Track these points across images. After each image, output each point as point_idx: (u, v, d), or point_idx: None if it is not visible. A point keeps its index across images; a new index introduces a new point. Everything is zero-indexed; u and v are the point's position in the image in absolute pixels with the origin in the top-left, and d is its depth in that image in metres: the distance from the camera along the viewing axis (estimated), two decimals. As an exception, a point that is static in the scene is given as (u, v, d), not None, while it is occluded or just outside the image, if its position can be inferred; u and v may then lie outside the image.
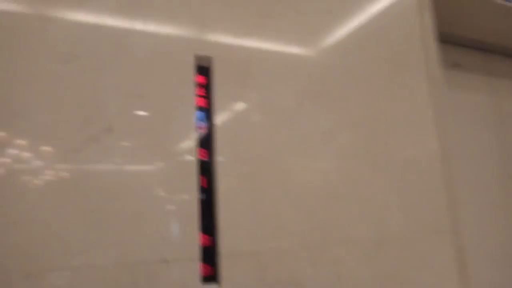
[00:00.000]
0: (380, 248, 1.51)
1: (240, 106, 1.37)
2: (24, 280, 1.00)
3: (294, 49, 1.53)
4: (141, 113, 1.21)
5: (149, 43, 1.28)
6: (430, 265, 1.61)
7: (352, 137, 1.56)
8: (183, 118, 1.27)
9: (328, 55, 1.60)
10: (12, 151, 1.04)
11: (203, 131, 1.32)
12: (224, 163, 1.30)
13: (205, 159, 1.31)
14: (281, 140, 1.41)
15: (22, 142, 1.06)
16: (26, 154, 1.06)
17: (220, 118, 1.33)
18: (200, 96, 1.35)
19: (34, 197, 1.05)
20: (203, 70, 1.37)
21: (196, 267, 1.19)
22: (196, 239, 1.21)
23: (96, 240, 1.09)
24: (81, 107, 1.14)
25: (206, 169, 1.30)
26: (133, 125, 1.19)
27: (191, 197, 1.23)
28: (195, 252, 1.20)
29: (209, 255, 1.26)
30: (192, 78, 1.32)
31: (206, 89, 1.37)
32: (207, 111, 1.34)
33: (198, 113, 1.33)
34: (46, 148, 1.08)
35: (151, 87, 1.25)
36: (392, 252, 1.53)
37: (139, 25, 1.28)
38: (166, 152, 1.22)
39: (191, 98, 1.30)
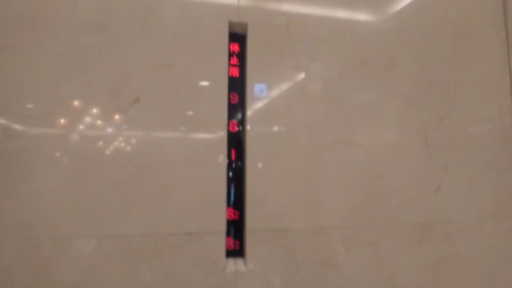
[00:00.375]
0: (427, 233, 1.36)
1: (275, 75, 1.28)
2: (52, 245, 1.04)
3: (339, 13, 1.38)
4: (169, 83, 1.18)
5: (180, 10, 1.22)
6: (489, 254, 1.44)
7: (402, 109, 1.40)
8: (214, 88, 1.22)
9: (380, 18, 1.42)
10: (38, 122, 1.08)
11: (235, 102, 1.27)
12: (255, 136, 1.24)
13: (235, 131, 1.26)
14: (318, 113, 1.30)
15: (49, 112, 1.08)
16: (52, 125, 1.08)
17: (253, 89, 1.26)
18: (233, 65, 1.28)
19: (60, 166, 1.07)
20: (237, 37, 1.30)
21: (222, 240, 1.16)
22: (222, 213, 1.17)
23: (121, 210, 1.10)
24: (109, 77, 1.14)
25: (236, 142, 1.26)
26: (160, 96, 1.16)
27: (220, 171, 1.19)
28: (221, 226, 1.17)
29: (236, 229, 1.23)
30: (225, 46, 1.25)
31: (239, 57, 1.30)
32: (239, 80, 1.28)
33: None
34: (73, 119, 1.10)
35: (181, 57, 1.20)
36: (442, 238, 1.38)
37: (170, -8, 1.23)
38: (195, 124, 1.18)
39: (224, 67, 1.24)
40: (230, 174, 1.23)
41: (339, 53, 1.36)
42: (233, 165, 1.24)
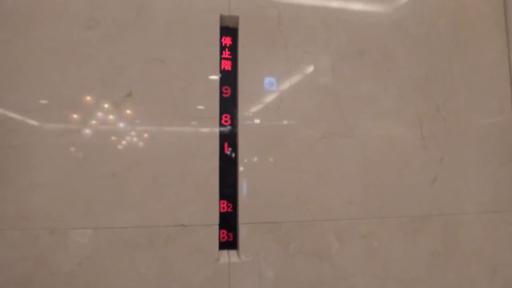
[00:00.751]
0: (422, 225, 1.36)
1: (267, 68, 1.28)
2: (49, 236, 1.08)
3: (331, 3, 1.37)
4: (161, 77, 1.20)
5: (172, 4, 1.23)
6: (487, 247, 1.43)
7: (398, 101, 1.39)
8: (206, 82, 1.23)
9: (374, 8, 1.41)
10: (35, 116, 1.10)
11: (227, 96, 1.28)
12: (248, 129, 1.25)
13: (228, 124, 1.27)
14: (312, 105, 1.30)
15: (45, 107, 1.11)
16: (48, 119, 1.11)
17: (245, 82, 1.27)
18: (226, 58, 1.29)
19: (57, 161, 1.10)
20: (229, 31, 1.31)
21: (215, 232, 1.19)
22: (215, 205, 1.19)
23: (116, 202, 1.12)
24: (102, 72, 1.15)
25: (229, 135, 1.27)
26: (153, 90, 1.18)
27: (212, 164, 1.20)
28: (214, 218, 1.19)
29: (229, 222, 1.25)
30: (217, 39, 1.25)
31: (231, 51, 1.30)
32: (232, 74, 1.29)
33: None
34: (69, 113, 1.12)
35: (173, 51, 1.21)
36: (438, 230, 1.38)
37: (162, -14, 1.24)
38: (187, 118, 1.20)
39: (216, 61, 1.25)
40: (224, 166, 1.24)
41: (333, 45, 1.35)
42: (227, 158, 1.26)
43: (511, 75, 1.53)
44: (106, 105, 1.15)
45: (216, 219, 1.19)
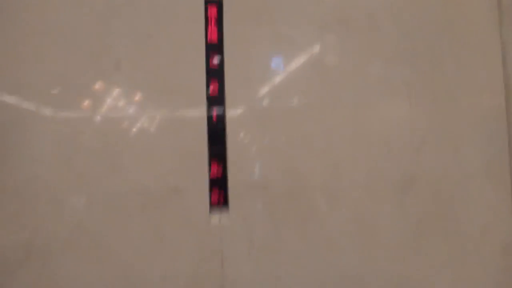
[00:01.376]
0: (410, 192, 1.38)
1: (252, 40, 1.32)
2: (47, 204, 1.14)
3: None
4: (149, 51, 1.24)
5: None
6: (476, 213, 1.44)
7: (385, 70, 1.40)
8: (193, 54, 1.27)
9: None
10: (25, 97, 1.16)
11: (214, 67, 1.32)
12: (235, 98, 1.29)
13: (216, 94, 1.31)
14: (298, 76, 1.34)
15: (38, 85, 1.17)
16: (41, 96, 1.17)
17: (231, 53, 1.30)
18: (211, 31, 1.33)
19: (51, 134, 1.16)
20: (214, 4, 1.34)
21: (205, 197, 1.23)
22: (205, 171, 1.24)
23: (108, 171, 1.18)
24: (92, 48, 1.20)
25: (217, 104, 1.30)
26: (141, 64, 1.23)
27: (201, 131, 1.25)
28: (204, 183, 1.24)
29: (219, 187, 1.29)
30: (202, 13, 1.29)
31: (217, 24, 1.34)
32: (218, 46, 1.33)
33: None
34: (61, 90, 1.18)
35: (160, 25, 1.26)
36: (425, 197, 1.39)
37: (148, -38, 1.28)
38: (175, 88, 1.24)
39: (201, 33, 1.28)
40: (213, 131, 1.28)
41: (319, 19, 1.37)
42: (214, 126, 1.30)
43: (503, 50, 1.52)
44: (96, 81, 1.20)
45: (206, 184, 1.24)
